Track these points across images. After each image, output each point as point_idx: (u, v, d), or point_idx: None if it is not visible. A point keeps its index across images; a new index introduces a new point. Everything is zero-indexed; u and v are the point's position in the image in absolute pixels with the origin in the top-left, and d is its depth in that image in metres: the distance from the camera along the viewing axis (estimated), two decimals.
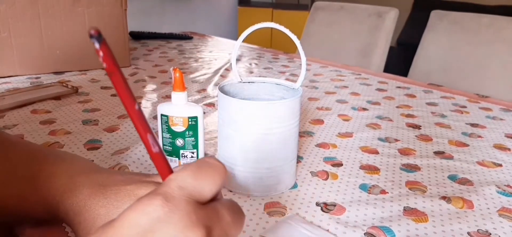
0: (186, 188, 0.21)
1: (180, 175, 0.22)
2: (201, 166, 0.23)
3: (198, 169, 0.22)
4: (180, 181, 0.22)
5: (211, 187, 0.22)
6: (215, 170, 0.23)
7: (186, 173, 0.22)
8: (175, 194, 0.21)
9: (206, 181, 0.22)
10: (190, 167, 0.22)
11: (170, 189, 0.21)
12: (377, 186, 0.53)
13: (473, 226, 0.45)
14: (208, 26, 3.51)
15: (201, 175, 0.22)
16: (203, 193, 0.22)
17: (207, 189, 0.22)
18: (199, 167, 0.23)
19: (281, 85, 0.53)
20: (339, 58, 1.57)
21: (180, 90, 0.51)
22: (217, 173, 0.23)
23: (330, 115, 0.80)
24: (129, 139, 0.64)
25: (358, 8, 1.63)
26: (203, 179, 0.22)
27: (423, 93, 0.99)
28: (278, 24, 0.49)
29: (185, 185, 0.21)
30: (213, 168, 0.23)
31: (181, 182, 0.22)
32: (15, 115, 0.72)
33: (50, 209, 0.34)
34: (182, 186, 0.21)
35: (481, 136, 0.73)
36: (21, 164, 0.37)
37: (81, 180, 0.34)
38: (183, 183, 0.22)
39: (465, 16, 1.40)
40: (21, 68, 0.97)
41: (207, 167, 0.23)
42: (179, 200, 0.21)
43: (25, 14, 0.94)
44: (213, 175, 0.23)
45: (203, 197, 0.22)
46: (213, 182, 0.23)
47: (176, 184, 0.21)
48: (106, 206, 0.32)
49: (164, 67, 1.15)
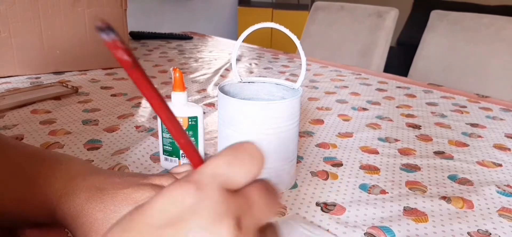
0: (219, 175, 0.20)
1: (214, 162, 0.21)
2: (237, 153, 0.21)
3: (233, 156, 0.21)
4: (213, 168, 0.20)
5: (246, 175, 0.21)
6: (252, 158, 0.21)
7: (221, 161, 0.21)
8: (207, 182, 0.20)
9: (241, 168, 0.21)
10: (226, 153, 0.21)
11: (203, 176, 0.20)
12: (377, 186, 0.53)
13: (473, 226, 0.45)
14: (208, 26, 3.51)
15: (236, 163, 0.21)
16: (236, 182, 0.21)
17: (241, 178, 0.21)
18: (235, 153, 0.21)
19: (281, 85, 0.53)
20: (339, 58, 1.57)
21: (180, 90, 0.51)
22: (253, 161, 0.21)
23: (330, 115, 0.80)
24: (129, 139, 0.64)
25: (358, 8, 1.63)
26: (238, 167, 0.21)
27: (423, 93, 0.99)
28: (278, 24, 0.49)
29: (218, 173, 0.20)
30: (250, 155, 0.21)
31: (214, 170, 0.20)
32: (15, 115, 0.72)
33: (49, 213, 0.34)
34: (215, 174, 0.20)
35: (481, 136, 0.73)
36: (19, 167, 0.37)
37: (78, 184, 0.34)
38: (216, 171, 0.20)
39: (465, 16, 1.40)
40: (21, 68, 0.97)
41: (244, 154, 0.21)
42: (211, 189, 0.20)
43: (25, 14, 0.94)
44: (249, 163, 0.21)
45: (236, 186, 0.21)
46: (248, 170, 0.21)
47: (209, 171, 0.20)
48: (103, 210, 0.32)
49: (164, 67, 1.15)
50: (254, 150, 0.22)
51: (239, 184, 0.21)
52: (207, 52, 1.40)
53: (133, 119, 0.72)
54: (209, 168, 0.20)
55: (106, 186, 0.34)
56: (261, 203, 0.22)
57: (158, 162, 0.57)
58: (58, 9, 0.98)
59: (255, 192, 0.22)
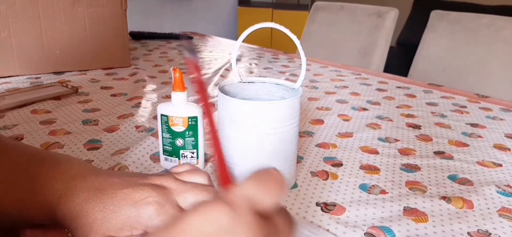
0: (250, 198, 0.21)
1: (245, 185, 0.22)
2: (265, 178, 0.22)
3: (261, 181, 0.22)
4: (245, 190, 0.21)
5: (272, 199, 0.22)
6: (277, 183, 0.23)
7: (251, 184, 0.22)
8: (240, 204, 0.21)
9: (269, 193, 0.22)
10: (254, 178, 0.22)
11: (236, 198, 0.21)
12: (377, 186, 0.53)
13: (473, 226, 0.45)
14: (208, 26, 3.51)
15: (264, 187, 0.22)
16: (264, 205, 0.22)
17: (268, 201, 0.22)
18: (262, 178, 0.22)
19: (281, 85, 0.53)
20: (339, 58, 1.57)
21: (180, 90, 0.51)
22: (279, 186, 0.23)
23: (330, 115, 0.80)
24: (129, 139, 0.64)
25: (358, 8, 1.63)
26: (266, 191, 0.22)
27: (423, 93, 0.99)
28: (278, 24, 0.49)
29: (249, 195, 0.21)
30: (276, 180, 0.23)
31: (245, 191, 0.21)
32: (15, 115, 0.72)
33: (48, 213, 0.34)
34: (247, 196, 0.21)
35: (481, 136, 0.73)
36: (19, 168, 0.37)
37: (77, 184, 0.34)
38: (248, 193, 0.21)
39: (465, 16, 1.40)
40: (21, 68, 0.97)
41: (270, 179, 0.22)
42: (245, 210, 0.20)
43: (25, 14, 0.94)
44: (275, 187, 0.22)
45: (263, 209, 0.22)
46: (274, 194, 0.22)
47: (241, 192, 0.21)
48: (103, 211, 0.32)
49: (164, 67, 1.15)
50: (279, 175, 0.23)
51: (266, 207, 0.22)
52: (207, 52, 1.40)
53: (133, 119, 0.72)
54: (241, 190, 0.21)
55: (105, 186, 0.34)
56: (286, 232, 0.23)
57: (158, 162, 0.57)
58: (58, 9, 0.98)
59: (282, 221, 0.23)
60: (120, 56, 1.10)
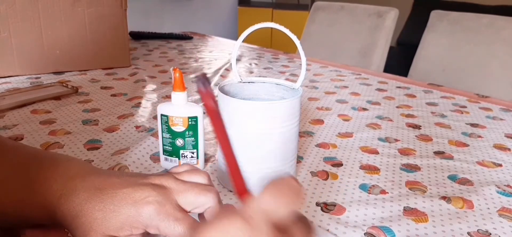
0: (266, 210, 0.22)
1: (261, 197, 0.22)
2: (281, 187, 0.23)
3: (278, 191, 0.22)
4: (261, 203, 0.22)
5: (289, 209, 0.22)
6: (294, 192, 0.23)
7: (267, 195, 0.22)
8: (257, 218, 0.21)
9: (285, 203, 0.22)
10: (270, 188, 0.22)
11: (253, 212, 0.21)
12: (377, 186, 0.53)
13: (473, 226, 0.45)
14: (208, 26, 3.51)
15: (280, 197, 0.22)
16: (280, 215, 0.22)
17: (284, 211, 0.22)
18: (278, 188, 0.23)
19: (281, 85, 0.53)
20: (339, 58, 1.57)
21: (180, 90, 0.51)
22: (295, 195, 0.23)
23: (330, 115, 0.80)
24: (129, 139, 0.64)
25: (358, 8, 1.63)
26: (282, 201, 0.22)
27: (423, 93, 0.99)
28: (278, 24, 0.49)
29: (266, 208, 0.22)
30: (292, 190, 0.23)
31: (262, 204, 0.22)
32: (15, 115, 0.72)
33: (48, 214, 0.34)
34: (264, 210, 0.22)
35: (481, 136, 0.73)
36: (18, 169, 0.37)
37: (77, 184, 0.34)
38: (264, 206, 0.22)
39: (465, 16, 1.40)
40: (21, 68, 0.97)
41: (286, 188, 0.23)
42: (260, 223, 0.21)
43: (25, 14, 0.94)
44: (292, 197, 0.23)
45: (280, 219, 0.22)
46: (291, 204, 0.22)
47: (257, 205, 0.22)
48: (103, 210, 0.32)
49: (164, 67, 1.15)
50: (296, 184, 0.23)
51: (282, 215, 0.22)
52: (207, 52, 1.40)
53: (133, 119, 0.72)
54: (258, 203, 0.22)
55: (105, 186, 0.34)
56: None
57: (158, 162, 0.57)
58: (58, 9, 0.98)
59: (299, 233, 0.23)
60: (120, 56, 1.10)
